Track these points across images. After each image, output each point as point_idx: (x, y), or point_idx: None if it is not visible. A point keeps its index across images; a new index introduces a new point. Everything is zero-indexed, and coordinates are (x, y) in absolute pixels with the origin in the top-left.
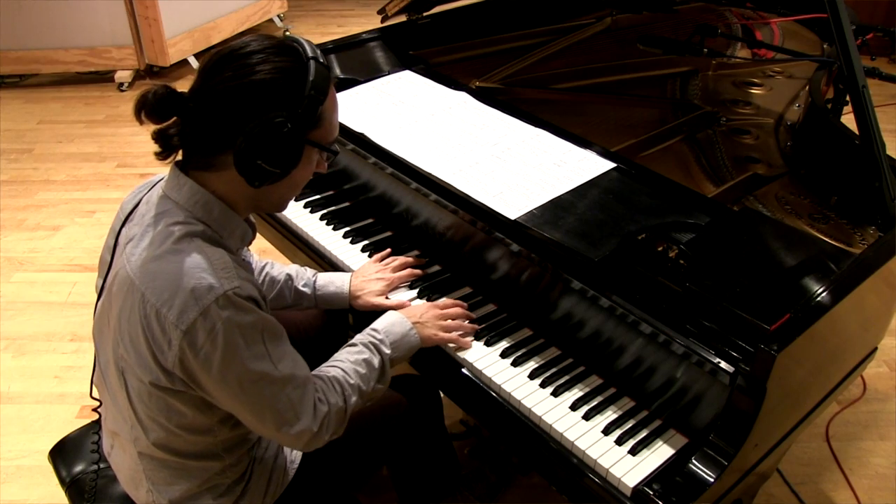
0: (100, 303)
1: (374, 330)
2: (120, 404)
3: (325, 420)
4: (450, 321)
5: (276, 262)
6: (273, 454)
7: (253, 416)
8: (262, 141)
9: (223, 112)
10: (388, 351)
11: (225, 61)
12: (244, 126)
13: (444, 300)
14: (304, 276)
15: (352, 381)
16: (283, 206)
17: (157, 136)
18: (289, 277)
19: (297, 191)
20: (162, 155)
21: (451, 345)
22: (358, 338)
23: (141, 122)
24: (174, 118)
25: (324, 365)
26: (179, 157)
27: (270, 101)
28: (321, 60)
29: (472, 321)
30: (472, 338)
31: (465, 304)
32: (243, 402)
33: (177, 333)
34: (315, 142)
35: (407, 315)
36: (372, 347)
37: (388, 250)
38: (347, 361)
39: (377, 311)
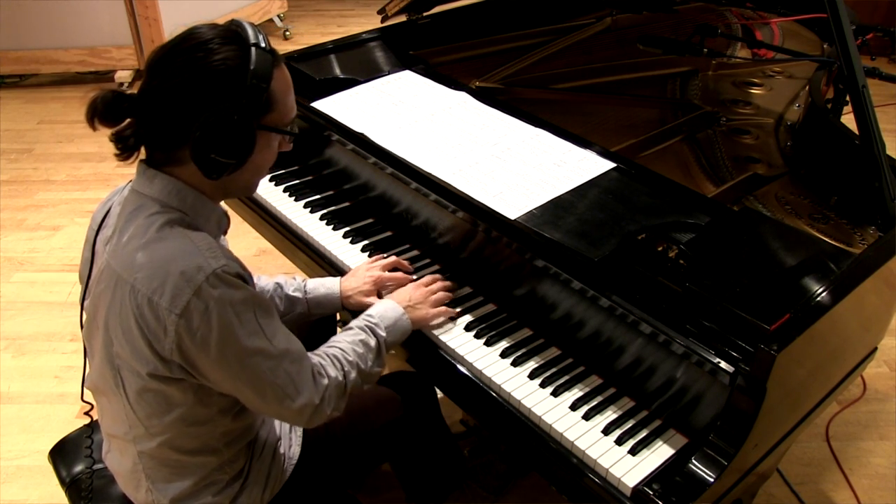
0: (85, 311)
1: (369, 315)
2: (115, 405)
3: (326, 393)
4: (436, 295)
5: (280, 273)
6: (271, 450)
7: (254, 393)
8: (211, 135)
9: (173, 108)
10: (383, 334)
11: (169, 57)
12: (194, 119)
13: (425, 278)
14: (293, 282)
15: (350, 358)
16: (252, 190)
17: (114, 139)
18: (278, 286)
19: (262, 174)
20: (122, 156)
21: (438, 320)
22: (353, 323)
23: (94, 129)
24: (128, 120)
25: (322, 346)
26: (143, 156)
27: (216, 93)
28: (263, 45)
29: (460, 311)
30: (457, 313)
31: (440, 277)
32: (243, 380)
33: (172, 318)
34: (270, 126)
35: (397, 300)
36: (368, 330)
37: (379, 255)
38: (345, 341)
39: None
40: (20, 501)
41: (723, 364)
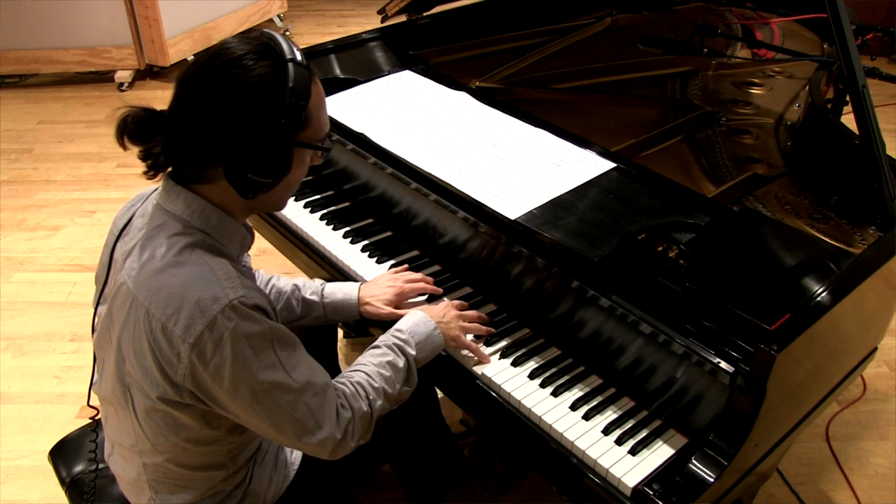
0: (99, 319)
1: (399, 330)
2: (122, 418)
3: (350, 426)
4: (470, 323)
5: (280, 273)
6: (273, 456)
7: (271, 426)
8: (248, 155)
9: (206, 126)
10: (413, 352)
11: (202, 73)
12: (229, 138)
13: (458, 301)
14: (311, 285)
15: (376, 385)
16: (282, 207)
17: (143, 156)
18: (296, 288)
19: (293, 189)
20: (150, 174)
21: (469, 354)
22: (381, 339)
23: (125, 148)
24: (158, 137)
25: (347, 369)
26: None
27: (252, 111)
28: (299, 60)
29: (487, 324)
30: (490, 351)
31: (482, 315)
32: (259, 414)
33: (185, 347)
34: (305, 143)
35: (429, 314)
36: (396, 349)
37: (406, 266)
38: (371, 364)
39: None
40: (20, 501)
41: (723, 364)
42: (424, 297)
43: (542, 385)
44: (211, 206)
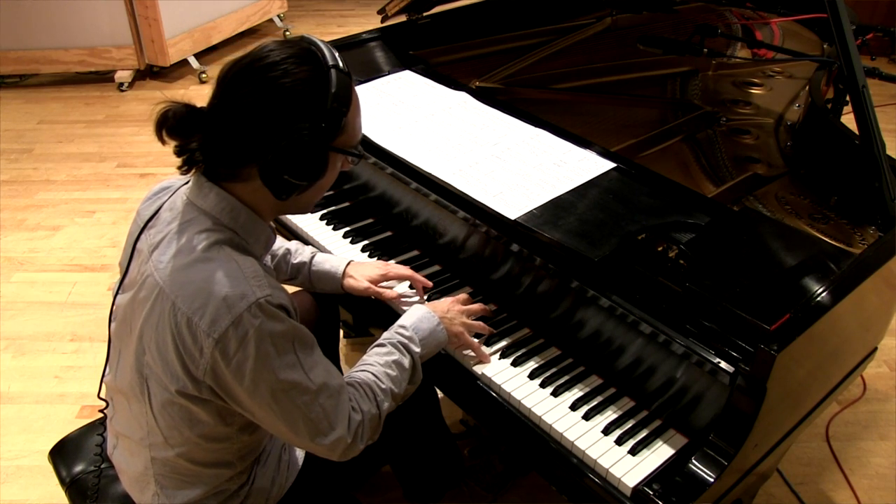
0: (121, 308)
1: (402, 327)
2: (136, 410)
3: (359, 429)
4: (473, 321)
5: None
6: (276, 457)
7: (286, 426)
8: (286, 157)
9: (244, 127)
10: (417, 349)
11: (244, 74)
12: (267, 140)
13: (463, 295)
14: (302, 252)
15: (383, 386)
16: (309, 209)
17: (179, 152)
18: (287, 252)
19: (323, 193)
20: (184, 169)
21: (469, 353)
22: (385, 337)
23: (163, 142)
24: (196, 134)
25: (353, 370)
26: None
27: (292, 115)
28: (342, 67)
29: (488, 322)
30: (490, 351)
31: (486, 308)
32: (276, 412)
33: (209, 342)
34: (340, 148)
35: (433, 309)
36: (401, 347)
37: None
38: (377, 365)
39: (368, 300)
40: (20, 501)
41: (723, 364)
42: (417, 298)
43: (542, 385)
44: (241, 205)
